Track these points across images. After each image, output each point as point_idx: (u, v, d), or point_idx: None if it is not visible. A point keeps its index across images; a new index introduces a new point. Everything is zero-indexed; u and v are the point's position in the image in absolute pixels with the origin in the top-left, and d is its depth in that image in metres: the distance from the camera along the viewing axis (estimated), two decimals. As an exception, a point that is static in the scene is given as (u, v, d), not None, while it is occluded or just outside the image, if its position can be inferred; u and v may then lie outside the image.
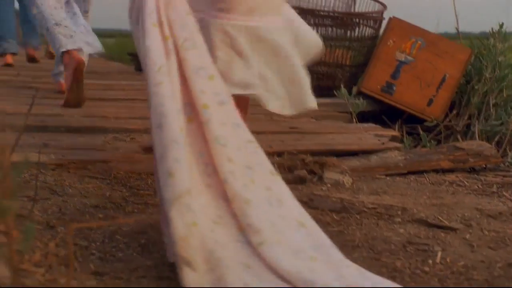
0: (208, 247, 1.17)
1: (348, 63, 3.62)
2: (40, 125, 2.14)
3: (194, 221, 1.16)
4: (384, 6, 3.63)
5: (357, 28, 3.54)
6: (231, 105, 1.38)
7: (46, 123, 2.22)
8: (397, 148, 2.31)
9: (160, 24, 1.41)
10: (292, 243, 1.23)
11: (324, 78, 3.62)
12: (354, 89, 3.50)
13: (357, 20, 3.55)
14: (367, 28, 3.56)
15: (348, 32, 3.56)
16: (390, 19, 3.41)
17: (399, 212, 1.65)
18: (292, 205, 1.32)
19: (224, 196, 1.29)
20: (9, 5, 4.83)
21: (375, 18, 3.56)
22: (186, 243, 1.11)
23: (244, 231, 1.24)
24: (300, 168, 2.02)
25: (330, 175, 1.99)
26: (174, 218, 1.13)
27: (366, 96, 3.31)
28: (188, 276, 1.08)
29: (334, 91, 3.22)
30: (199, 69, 1.38)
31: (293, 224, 1.29)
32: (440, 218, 1.60)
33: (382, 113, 3.30)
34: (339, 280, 1.15)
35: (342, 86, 3.27)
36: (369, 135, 2.49)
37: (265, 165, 1.35)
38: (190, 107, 1.35)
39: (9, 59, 5.02)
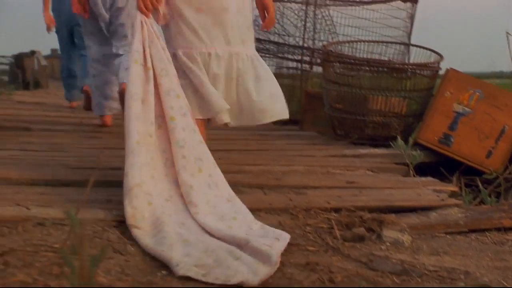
0: (157, 215, 1.83)
1: (404, 113, 3.61)
2: (103, 180, 2.19)
3: (149, 201, 1.87)
4: (441, 57, 3.61)
5: (413, 78, 3.53)
6: (190, 116, 2.04)
7: (108, 178, 2.27)
8: (457, 205, 2.28)
9: (145, 59, 1.99)
10: (220, 212, 1.93)
11: (379, 128, 3.61)
12: (411, 140, 3.47)
13: (413, 70, 3.55)
14: (423, 78, 3.55)
15: (404, 82, 3.55)
16: (447, 70, 3.40)
17: (462, 276, 1.61)
18: (224, 187, 2.03)
19: (176, 182, 1.98)
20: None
21: (431, 68, 3.54)
22: (133, 218, 1.79)
23: (186, 206, 1.93)
24: (358, 226, 2.01)
25: (389, 233, 1.97)
26: (125, 205, 1.82)
27: (423, 147, 3.27)
28: (135, 232, 1.75)
29: (390, 142, 3.20)
30: (170, 91, 1.99)
31: (223, 200, 2.00)
32: (505, 283, 1.57)
33: (440, 165, 3.26)
34: (248, 232, 1.80)
35: (398, 136, 3.26)
36: (428, 190, 2.46)
37: (210, 158, 2.04)
38: (161, 118, 2.00)
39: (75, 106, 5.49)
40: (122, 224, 1.86)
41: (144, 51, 2.02)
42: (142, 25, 2.06)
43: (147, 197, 1.86)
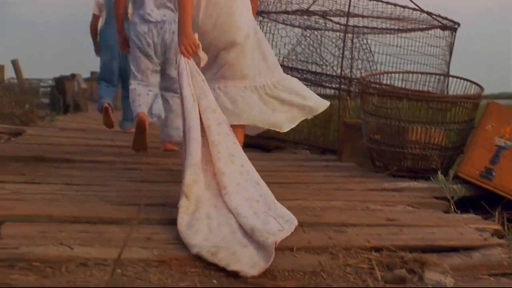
0: (198, 194, 2.37)
1: (443, 145, 3.57)
2: (143, 217, 2.21)
3: (195, 179, 2.38)
4: (481, 88, 3.58)
5: (453, 109, 3.50)
6: (226, 125, 2.55)
7: (149, 215, 2.29)
8: (500, 245, 2.23)
9: (190, 87, 2.56)
10: (247, 194, 2.42)
11: (419, 160, 3.57)
12: (451, 173, 3.44)
13: (454, 102, 3.51)
14: (464, 109, 3.51)
15: (444, 113, 3.52)
16: (488, 103, 3.36)
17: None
18: (254, 173, 2.50)
19: (213, 174, 2.47)
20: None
21: (472, 100, 3.51)
22: (188, 186, 2.34)
23: (220, 192, 2.42)
24: (399, 267, 1.99)
25: (431, 275, 1.94)
26: (187, 174, 2.36)
27: (463, 181, 3.23)
28: (183, 203, 2.30)
29: (430, 175, 3.17)
30: (207, 108, 2.54)
31: (253, 183, 2.47)
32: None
33: (481, 198, 3.21)
34: (268, 211, 2.31)
35: (438, 169, 3.23)
36: (470, 228, 2.42)
37: (243, 155, 2.54)
38: (202, 130, 2.49)
39: (107, 105, 5.76)
40: (162, 264, 1.87)
41: (190, 83, 2.59)
42: (186, 65, 2.62)
43: (195, 177, 2.39)
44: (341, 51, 5.08)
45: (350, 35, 5.22)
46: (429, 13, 4.78)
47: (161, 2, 3.98)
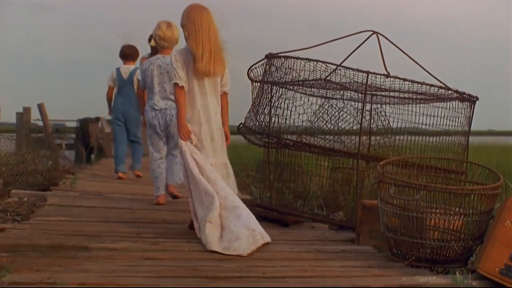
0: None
1: (463, 235, 3.51)
2: None
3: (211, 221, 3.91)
4: (500, 178, 3.53)
5: (472, 199, 3.46)
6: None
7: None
8: None
9: (192, 161, 4.02)
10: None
11: (437, 249, 3.51)
12: (470, 266, 3.39)
13: (471, 191, 3.47)
14: (483, 199, 3.46)
15: (462, 203, 3.48)
16: (506, 199, 3.31)
17: None
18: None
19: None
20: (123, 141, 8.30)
21: (492, 190, 3.46)
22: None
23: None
24: None
25: None
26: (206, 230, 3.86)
27: (483, 277, 3.17)
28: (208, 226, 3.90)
29: (450, 269, 3.12)
30: (203, 165, 4.04)
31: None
32: None
33: (502, 296, 3.14)
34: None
35: (458, 260, 3.17)
36: None
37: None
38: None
39: (121, 175, 8.29)
40: None
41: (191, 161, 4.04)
42: (186, 146, 4.05)
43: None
44: (358, 121, 5.07)
45: (368, 104, 5.23)
46: (447, 87, 4.76)
47: (164, 95, 5.60)
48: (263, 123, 5.02)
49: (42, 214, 4.89)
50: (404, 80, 4.62)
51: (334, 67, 4.65)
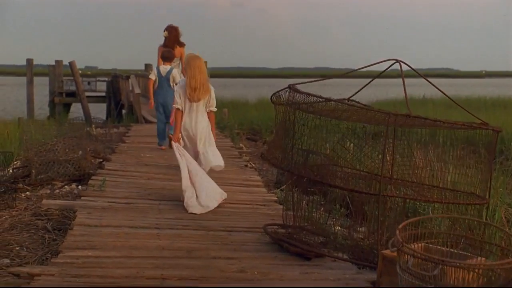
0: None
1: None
2: None
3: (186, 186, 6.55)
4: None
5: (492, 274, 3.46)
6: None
7: None
8: None
9: (180, 152, 6.62)
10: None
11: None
12: None
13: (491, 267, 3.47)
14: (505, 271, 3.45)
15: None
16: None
17: None
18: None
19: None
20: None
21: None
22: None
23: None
24: None
25: None
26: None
27: None
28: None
29: None
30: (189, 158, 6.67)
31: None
32: None
33: None
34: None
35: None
36: None
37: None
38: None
39: (163, 148, 10.52)
40: None
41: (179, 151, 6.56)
42: (174, 144, 6.61)
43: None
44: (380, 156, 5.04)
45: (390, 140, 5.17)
46: (469, 126, 4.70)
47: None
48: (285, 157, 5.01)
49: (71, 244, 5.00)
50: (426, 119, 4.56)
51: (356, 105, 4.59)
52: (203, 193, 6.40)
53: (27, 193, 8.16)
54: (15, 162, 10.09)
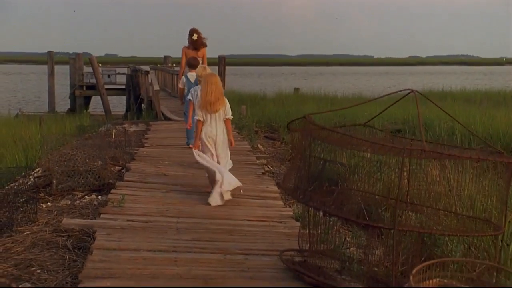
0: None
1: None
2: None
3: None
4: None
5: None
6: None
7: None
8: None
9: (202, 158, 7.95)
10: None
11: None
12: None
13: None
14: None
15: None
16: None
17: None
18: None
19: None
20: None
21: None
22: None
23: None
24: None
25: None
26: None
27: None
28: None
29: None
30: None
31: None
32: None
33: None
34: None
35: None
36: None
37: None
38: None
39: (191, 147, 9.97)
40: None
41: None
42: (194, 150, 7.98)
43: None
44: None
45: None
46: (483, 158, 4.71)
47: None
48: (299, 186, 5.07)
49: (90, 272, 5.10)
50: (442, 154, 4.58)
51: (370, 140, 4.62)
52: (225, 175, 7.74)
53: (48, 203, 8.32)
54: (37, 170, 10.26)
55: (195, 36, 12.13)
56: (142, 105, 25.25)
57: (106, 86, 28.49)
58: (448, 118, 15.03)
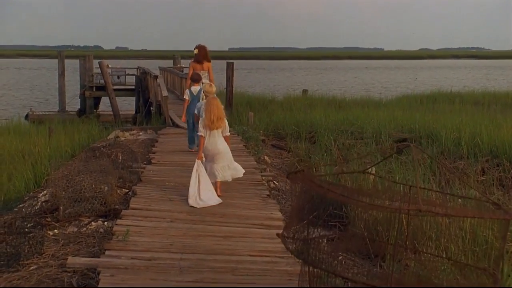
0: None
1: None
2: None
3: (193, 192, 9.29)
4: None
5: None
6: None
7: None
8: None
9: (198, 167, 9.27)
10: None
11: None
12: None
13: None
14: None
15: None
16: None
17: None
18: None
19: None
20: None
21: None
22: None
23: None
24: None
25: None
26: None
27: None
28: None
29: None
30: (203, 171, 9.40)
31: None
32: None
33: None
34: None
35: None
36: None
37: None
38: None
39: (192, 150, 13.03)
40: None
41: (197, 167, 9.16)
42: (196, 161, 9.22)
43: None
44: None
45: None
46: (480, 215, 4.76)
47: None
48: (298, 244, 5.13)
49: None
50: (436, 213, 4.64)
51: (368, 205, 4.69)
52: (204, 193, 9.09)
53: (55, 231, 8.44)
54: (44, 192, 10.40)
55: (195, 51, 13.94)
56: (151, 108, 25.37)
57: (116, 87, 28.69)
58: (455, 128, 15.02)
